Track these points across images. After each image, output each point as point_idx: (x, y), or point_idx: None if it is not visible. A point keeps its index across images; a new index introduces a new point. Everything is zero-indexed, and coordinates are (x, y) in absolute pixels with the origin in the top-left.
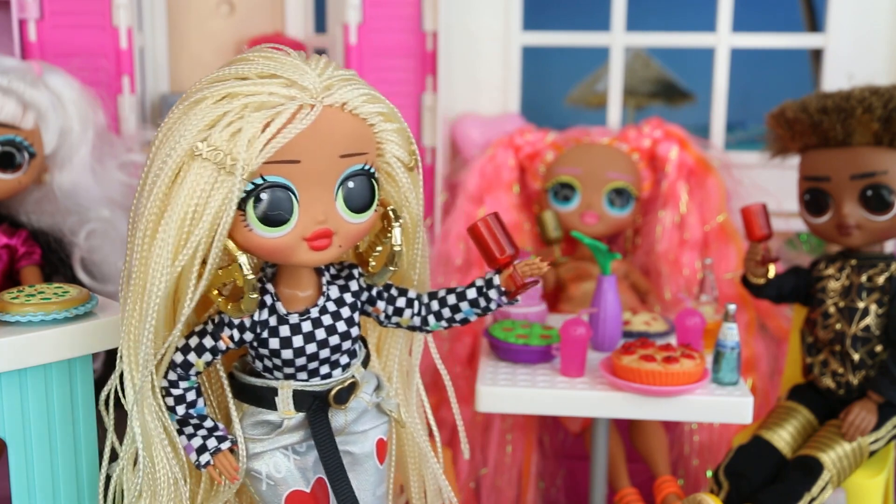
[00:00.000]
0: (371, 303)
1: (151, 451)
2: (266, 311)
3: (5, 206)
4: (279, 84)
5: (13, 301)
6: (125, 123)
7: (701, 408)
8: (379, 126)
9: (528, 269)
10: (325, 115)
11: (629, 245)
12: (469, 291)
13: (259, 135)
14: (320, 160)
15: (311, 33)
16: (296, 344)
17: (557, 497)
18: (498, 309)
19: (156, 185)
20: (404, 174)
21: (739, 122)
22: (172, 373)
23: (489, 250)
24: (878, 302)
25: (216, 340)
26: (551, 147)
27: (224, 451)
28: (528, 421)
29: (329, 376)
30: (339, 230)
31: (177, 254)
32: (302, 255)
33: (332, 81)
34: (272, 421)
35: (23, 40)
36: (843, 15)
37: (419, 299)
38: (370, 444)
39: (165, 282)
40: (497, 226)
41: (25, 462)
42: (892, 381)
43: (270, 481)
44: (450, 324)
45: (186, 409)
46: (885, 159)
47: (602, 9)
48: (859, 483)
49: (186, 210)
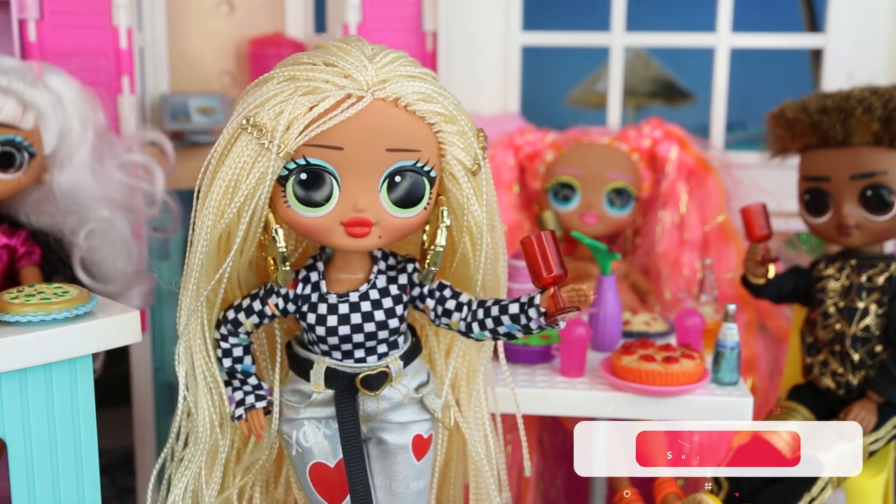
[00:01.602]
0: (421, 299)
1: (197, 393)
2: (309, 286)
3: (5, 206)
4: (335, 73)
5: (13, 301)
6: (125, 123)
7: (701, 408)
8: (439, 126)
9: (573, 294)
10: (375, 108)
11: (629, 245)
12: (511, 306)
13: (301, 118)
14: (364, 150)
15: (311, 33)
16: (329, 323)
17: (557, 497)
18: (540, 330)
19: (213, 153)
20: (465, 178)
21: (739, 122)
22: (224, 328)
23: (536, 267)
24: (877, 302)
25: (263, 305)
26: (551, 147)
27: (258, 409)
28: (528, 421)
29: (363, 361)
30: (380, 221)
31: (220, 217)
32: (338, 239)
33: (391, 75)
34: (304, 391)
35: (23, 40)
36: (843, 15)
37: (469, 305)
38: (406, 438)
39: (206, 240)
40: (550, 244)
41: (25, 462)
42: (891, 381)
43: (299, 448)
44: (494, 336)
45: (232, 364)
46: (885, 159)
47: (602, 9)
48: (859, 483)
49: (230, 179)
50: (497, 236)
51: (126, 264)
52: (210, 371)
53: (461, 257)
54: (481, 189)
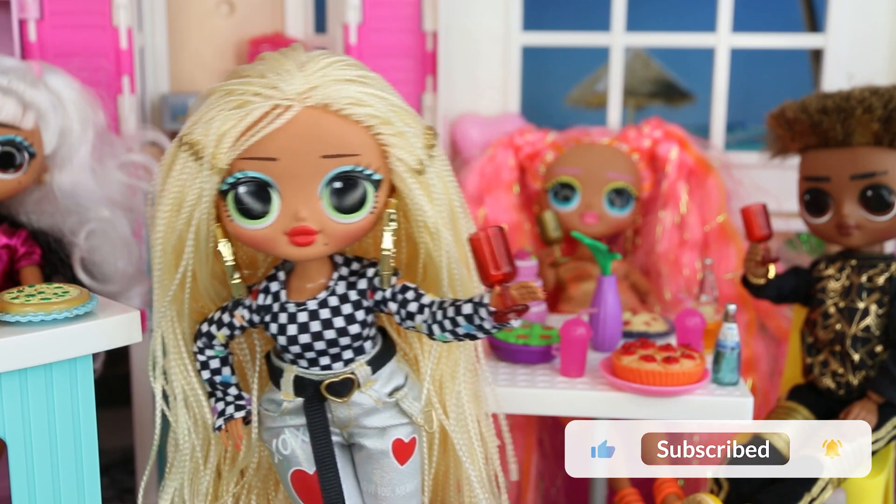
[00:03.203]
0: (384, 303)
1: (175, 407)
2: (270, 297)
3: (5, 206)
4: (264, 84)
5: (13, 301)
6: (125, 123)
7: (701, 408)
8: (377, 129)
9: (523, 291)
10: (305, 116)
11: (629, 245)
12: (465, 306)
13: (231, 131)
14: (299, 159)
15: (311, 33)
16: (290, 332)
17: (557, 497)
18: (496, 331)
19: (159, 170)
20: (411, 178)
21: (739, 122)
22: (199, 340)
23: (484, 264)
24: (878, 302)
25: (231, 317)
26: (551, 147)
27: (237, 419)
28: (528, 421)
29: (329, 368)
30: (324, 229)
31: (169, 235)
32: (283, 249)
33: (322, 81)
34: (277, 400)
35: (23, 40)
36: (843, 15)
37: (430, 306)
38: (386, 443)
39: (159, 258)
40: (498, 241)
41: (25, 462)
42: (892, 381)
43: (279, 456)
44: (455, 337)
45: (210, 375)
46: (885, 159)
47: (602, 9)
48: (859, 483)
49: (173, 198)
50: (460, 232)
51: (126, 264)
52: (189, 384)
53: (427, 257)
54: (430, 187)
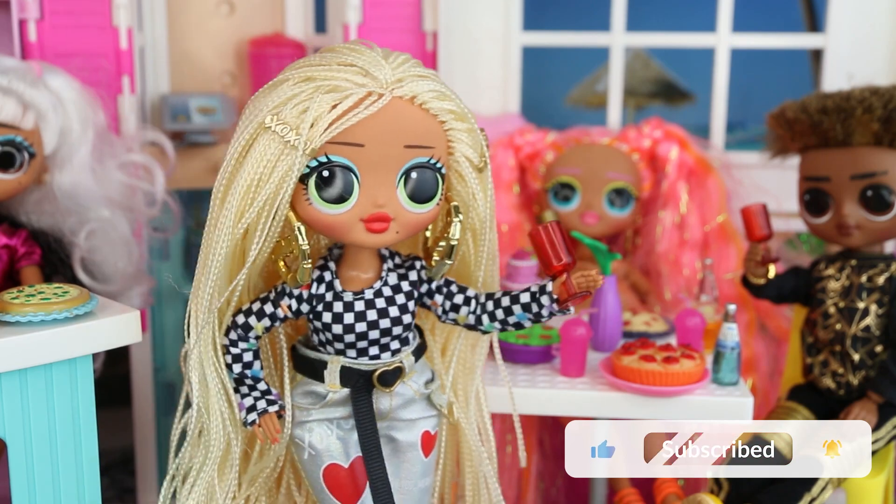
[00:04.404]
0: (430, 296)
1: (208, 402)
2: (324, 286)
3: (5, 206)
4: (354, 72)
5: (13, 301)
6: (125, 123)
7: (701, 408)
8: (450, 124)
9: (582, 280)
10: (394, 106)
11: (629, 245)
12: (523, 295)
13: (325, 115)
14: (384, 147)
15: (311, 33)
16: (346, 321)
17: (557, 497)
18: (550, 317)
19: (229, 155)
20: (472, 174)
21: (739, 122)
22: (234, 332)
23: (546, 256)
24: (878, 302)
25: (275, 308)
26: (551, 147)
27: (271, 413)
28: (528, 421)
29: (377, 357)
30: (397, 217)
31: (239, 218)
32: (358, 235)
33: (405, 75)
34: (319, 392)
35: (23, 40)
36: (843, 15)
37: (477, 298)
38: (415, 434)
39: (227, 243)
40: (556, 233)
41: (25, 462)
42: (892, 381)
43: (312, 451)
44: (503, 326)
45: (242, 369)
46: (885, 159)
47: (602, 9)
48: (859, 483)
49: (252, 178)
50: (495, 235)
51: (126, 264)
52: (221, 377)
53: (461, 254)
54: (486, 186)
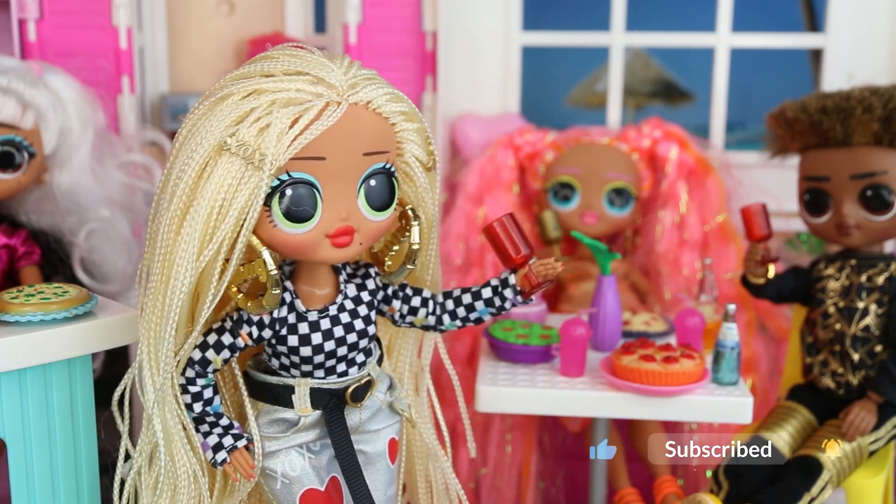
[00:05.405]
0: (387, 302)
1: (171, 448)
2: (285, 308)
3: (5, 206)
4: (306, 81)
5: (13, 301)
6: (125, 123)
7: (701, 408)
8: (400, 125)
9: (543, 268)
10: (351, 113)
11: (629, 245)
12: (484, 291)
13: (287, 130)
14: (345, 157)
15: (311, 33)
16: (314, 341)
17: (557, 497)
18: (513, 308)
19: (181, 181)
20: (422, 174)
21: (739, 122)
22: (190, 370)
23: (505, 250)
24: (877, 302)
25: (235, 338)
26: (551, 147)
27: (240, 448)
28: (528, 421)
29: (346, 374)
30: (360, 228)
31: (202, 249)
32: (325, 252)
33: (357, 80)
34: (288, 419)
35: (22, 40)
36: (843, 15)
37: (434, 299)
38: (382, 444)
39: (190, 277)
40: (512, 225)
41: (25, 462)
42: (891, 381)
43: (285, 480)
44: (464, 323)
45: (203, 407)
46: (884, 159)
47: (602, 9)
48: (859, 483)
49: (213, 204)
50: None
51: (126, 264)
52: (182, 419)
53: None
54: (434, 185)
